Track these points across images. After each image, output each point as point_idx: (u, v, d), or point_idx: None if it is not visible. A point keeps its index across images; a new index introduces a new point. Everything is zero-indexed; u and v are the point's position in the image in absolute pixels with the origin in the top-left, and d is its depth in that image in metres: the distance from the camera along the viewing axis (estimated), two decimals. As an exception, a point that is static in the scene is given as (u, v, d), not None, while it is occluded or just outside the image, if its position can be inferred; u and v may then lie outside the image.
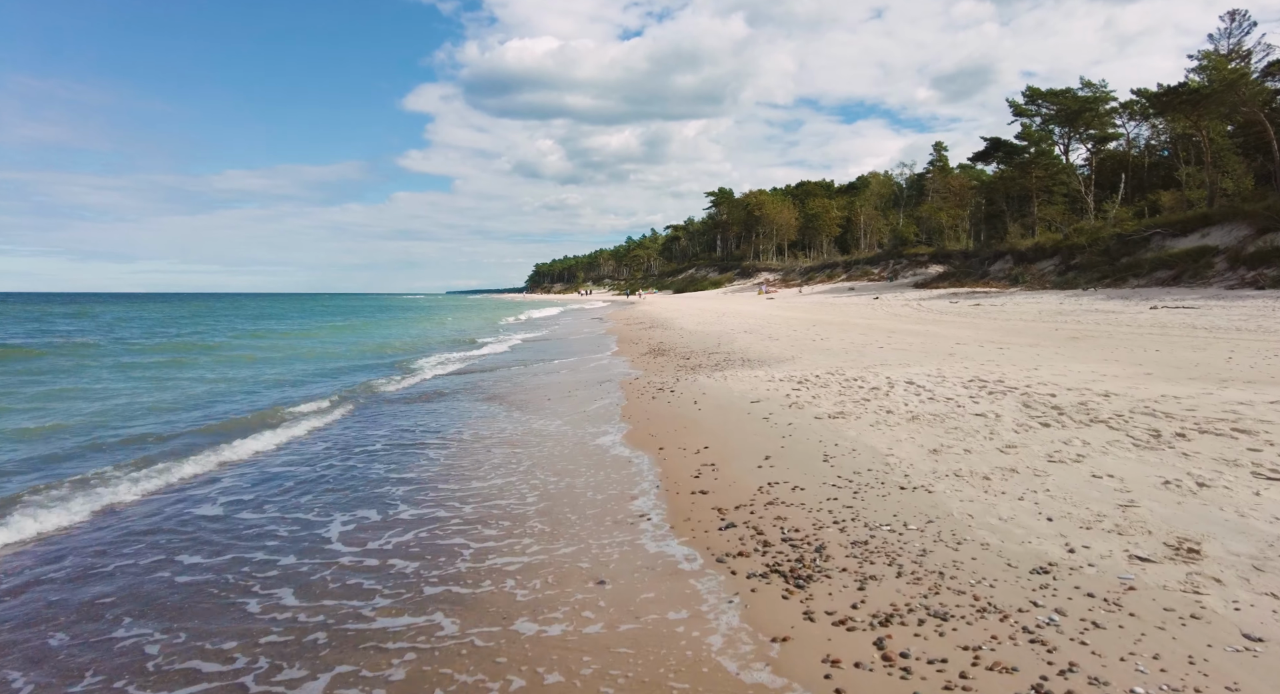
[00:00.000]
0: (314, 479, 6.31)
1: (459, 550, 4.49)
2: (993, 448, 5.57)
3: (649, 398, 9.53)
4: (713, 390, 9.49)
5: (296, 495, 5.82)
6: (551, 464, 6.51)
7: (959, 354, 12.42)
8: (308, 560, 4.40)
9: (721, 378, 10.54)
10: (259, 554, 4.52)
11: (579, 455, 6.77)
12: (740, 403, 8.41)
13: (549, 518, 5.01)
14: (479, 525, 4.94)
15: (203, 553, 4.58)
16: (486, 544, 4.57)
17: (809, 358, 12.83)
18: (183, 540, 4.81)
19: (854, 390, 8.48)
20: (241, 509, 5.50)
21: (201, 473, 6.58)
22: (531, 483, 5.94)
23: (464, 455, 7.03)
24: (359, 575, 4.14)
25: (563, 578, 3.96)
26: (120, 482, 6.11)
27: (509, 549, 4.45)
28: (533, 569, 4.12)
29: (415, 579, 4.06)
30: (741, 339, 17.78)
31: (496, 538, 4.68)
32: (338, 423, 9.01)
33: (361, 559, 4.40)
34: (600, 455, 6.69)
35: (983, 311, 27.42)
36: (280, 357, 19.00)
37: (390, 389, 12.07)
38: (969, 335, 17.07)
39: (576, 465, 6.41)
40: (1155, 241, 42.41)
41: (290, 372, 14.95)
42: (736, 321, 25.70)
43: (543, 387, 11.79)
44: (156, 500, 5.76)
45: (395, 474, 6.44)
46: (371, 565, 4.30)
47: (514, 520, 4.98)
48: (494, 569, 4.16)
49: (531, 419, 8.78)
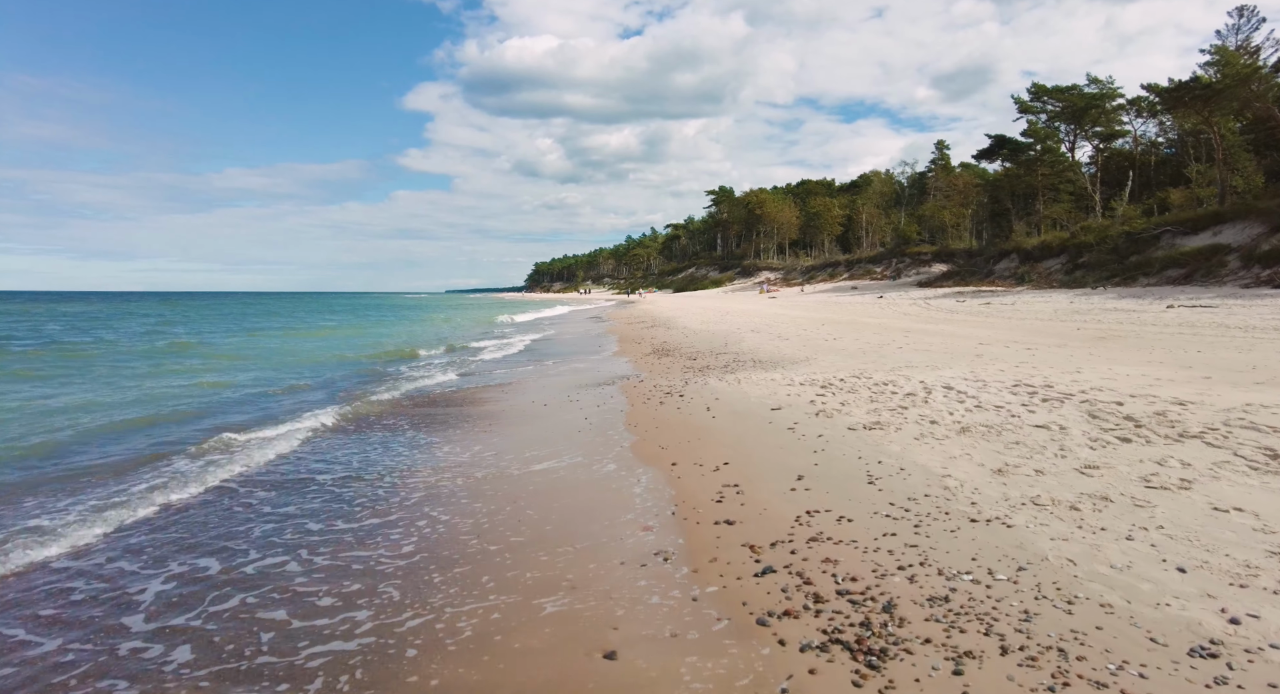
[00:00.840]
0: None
1: (464, 588, 3.60)
2: (1069, 468, 4.69)
3: (656, 403, 8.64)
4: (727, 395, 8.60)
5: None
6: (547, 483, 5.63)
7: (986, 355, 11.55)
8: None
9: (735, 381, 9.65)
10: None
11: (578, 472, 5.88)
12: (759, 410, 7.52)
13: (543, 551, 4.13)
14: (452, 565, 4.06)
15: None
16: (454, 592, 3.69)
17: (825, 359, 11.95)
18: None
19: (886, 397, 7.59)
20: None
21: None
22: (520, 508, 5.05)
23: (449, 471, 6.14)
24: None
25: (557, 645, 3.08)
26: None
27: (491, 594, 3.57)
28: (519, 628, 3.23)
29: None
30: (749, 339, 16.91)
31: (460, 586, 3.79)
32: (290, 457, 6.93)
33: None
34: (603, 472, 5.80)
35: (995, 310, 26.56)
36: (243, 365, 18.05)
37: (377, 398, 10.53)
38: (988, 335, 16.20)
39: (575, 484, 5.53)
40: (1165, 240, 41.62)
41: (257, 379, 13.09)
42: (741, 320, 24.82)
43: (538, 390, 10.90)
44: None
45: (353, 509, 5.54)
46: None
47: (503, 551, 4.10)
48: (478, 632, 3.27)
49: (524, 429, 7.89)
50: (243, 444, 7.21)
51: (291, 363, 16.34)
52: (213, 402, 10.44)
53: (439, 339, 23.84)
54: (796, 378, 9.46)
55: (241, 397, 10.93)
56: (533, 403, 9.52)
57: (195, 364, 16.09)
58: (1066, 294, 37.06)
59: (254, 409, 9.73)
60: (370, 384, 12.30)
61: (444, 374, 13.51)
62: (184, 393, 11.30)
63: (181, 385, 12.25)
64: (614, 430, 7.33)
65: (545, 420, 8.17)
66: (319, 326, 33.90)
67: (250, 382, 12.75)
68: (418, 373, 13.85)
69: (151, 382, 12.80)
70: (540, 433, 7.50)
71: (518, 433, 7.62)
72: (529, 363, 15.48)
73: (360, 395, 10.69)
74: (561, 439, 7.11)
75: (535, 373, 13.48)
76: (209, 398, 10.78)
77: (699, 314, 31.65)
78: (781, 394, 8.24)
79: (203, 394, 11.15)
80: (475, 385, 11.78)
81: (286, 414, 9.10)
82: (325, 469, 6.32)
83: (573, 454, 6.44)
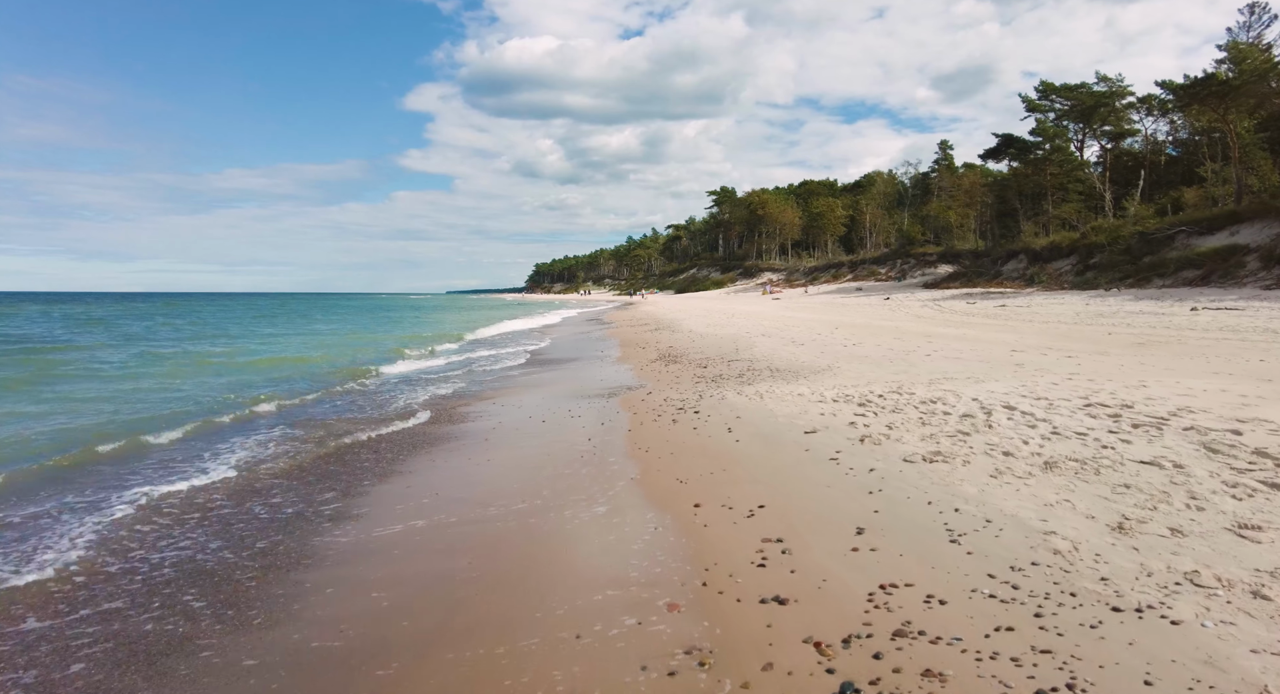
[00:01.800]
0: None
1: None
2: (1218, 528, 3.62)
3: (668, 420, 7.56)
4: (749, 413, 7.52)
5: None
6: (531, 534, 4.54)
7: (1028, 364, 10.47)
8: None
9: (755, 395, 8.56)
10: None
11: (572, 518, 4.79)
12: (790, 433, 6.44)
13: (523, 638, 3.05)
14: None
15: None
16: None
17: (850, 368, 10.87)
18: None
19: (939, 418, 6.51)
20: None
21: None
22: (489, 572, 3.97)
23: (409, 513, 5.06)
24: None
25: None
26: None
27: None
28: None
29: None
30: (762, 344, 15.83)
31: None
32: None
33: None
34: (605, 516, 4.72)
35: (1011, 313, 25.49)
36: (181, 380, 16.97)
37: (325, 420, 9.17)
38: (1014, 339, 15.14)
39: (569, 535, 4.44)
40: (1180, 240, 40.63)
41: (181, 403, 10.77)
42: (749, 323, 23.74)
43: (530, 403, 9.82)
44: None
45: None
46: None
47: (466, 641, 3.02)
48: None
49: (502, 452, 6.81)
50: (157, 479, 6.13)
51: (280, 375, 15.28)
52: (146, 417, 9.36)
53: (429, 342, 22.76)
54: (825, 392, 8.37)
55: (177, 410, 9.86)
56: (529, 418, 8.44)
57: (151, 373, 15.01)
58: (1079, 295, 36.01)
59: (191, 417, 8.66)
60: (319, 406, 11.22)
61: (441, 386, 12.43)
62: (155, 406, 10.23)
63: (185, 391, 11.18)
64: (616, 456, 6.24)
65: (537, 442, 7.09)
66: (307, 330, 32.81)
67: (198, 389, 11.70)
68: (391, 386, 12.78)
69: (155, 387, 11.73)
70: (529, 458, 6.42)
71: (500, 459, 6.54)
72: (521, 368, 14.40)
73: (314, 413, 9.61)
74: (552, 470, 6.03)
75: (526, 383, 12.40)
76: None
77: (703, 316, 30.57)
78: (814, 413, 7.16)
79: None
80: (461, 396, 10.70)
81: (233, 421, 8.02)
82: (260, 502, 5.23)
83: (566, 491, 5.36)
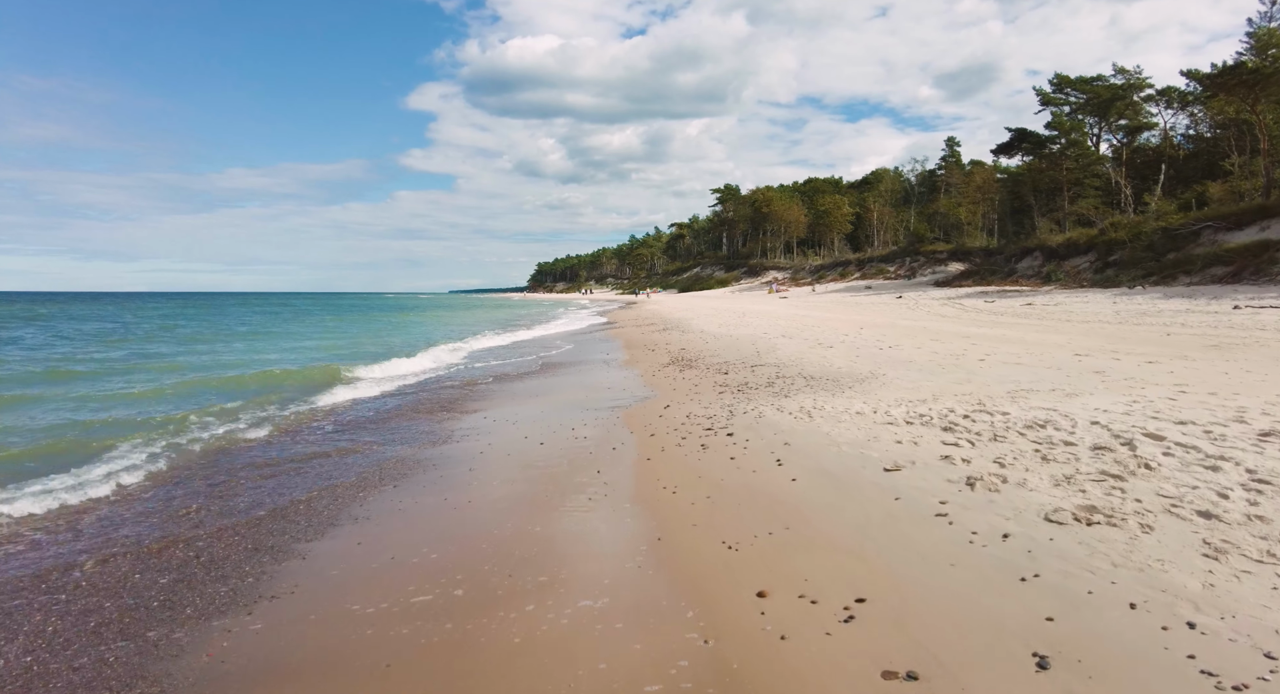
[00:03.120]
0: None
1: None
2: None
3: (695, 445, 6.03)
4: (799, 437, 5.98)
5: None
6: (501, 636, 3.03)
7: (1109, 371, 8.95)
8: None
9: (800, 412, 7.01)
10: None
11: (549, 624, 3.27)
12: (865, 470, 4.91)
13: None
14: None
15: None
16: None
17: (899, 376, 9.35)
18: None
19: (1059, 449, 4.97)
20: None
21: None
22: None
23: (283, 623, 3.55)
24: None
25: None
26: None
27: None
28: None
29: None
30: (785, 346, 14.29)
31: None
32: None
33: None
34: (602, 609, 3.20)
35: (1043, 312, 23.91)
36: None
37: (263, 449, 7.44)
38: (1066, 341, 13.61)
39: (546, 651, 2.93)
40: (1206, 236, 39.10)
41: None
42: (764, 323, 22.18)
43: (520, 416, 8.29)
44: None
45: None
46: None
47: None
48: None
49: (487, 488, 5.30)
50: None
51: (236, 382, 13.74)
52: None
53: (413, 347, 21.24)
54: (890, 409, 6.83)
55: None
56: (525, 438, 6.91)
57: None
58: (1103, 294, 34.42)
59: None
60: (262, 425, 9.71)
61: (421, 394, 10.90)
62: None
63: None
64: (632, 501, 4.71)
65: (530, 474, 5.56)
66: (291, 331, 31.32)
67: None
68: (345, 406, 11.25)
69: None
70: (518, 500, 4.90)
71: (482, 500, 5.02)
72: (507, 376, 12.85)
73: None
74: (544, 524, 4.50)
75: (522, 391, 10.86)
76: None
77: (712, 316, 29.02)
78: (886, 439, 5.61)
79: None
80: (447, 407, 9.17)
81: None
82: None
83: (561, 562, 3.84)
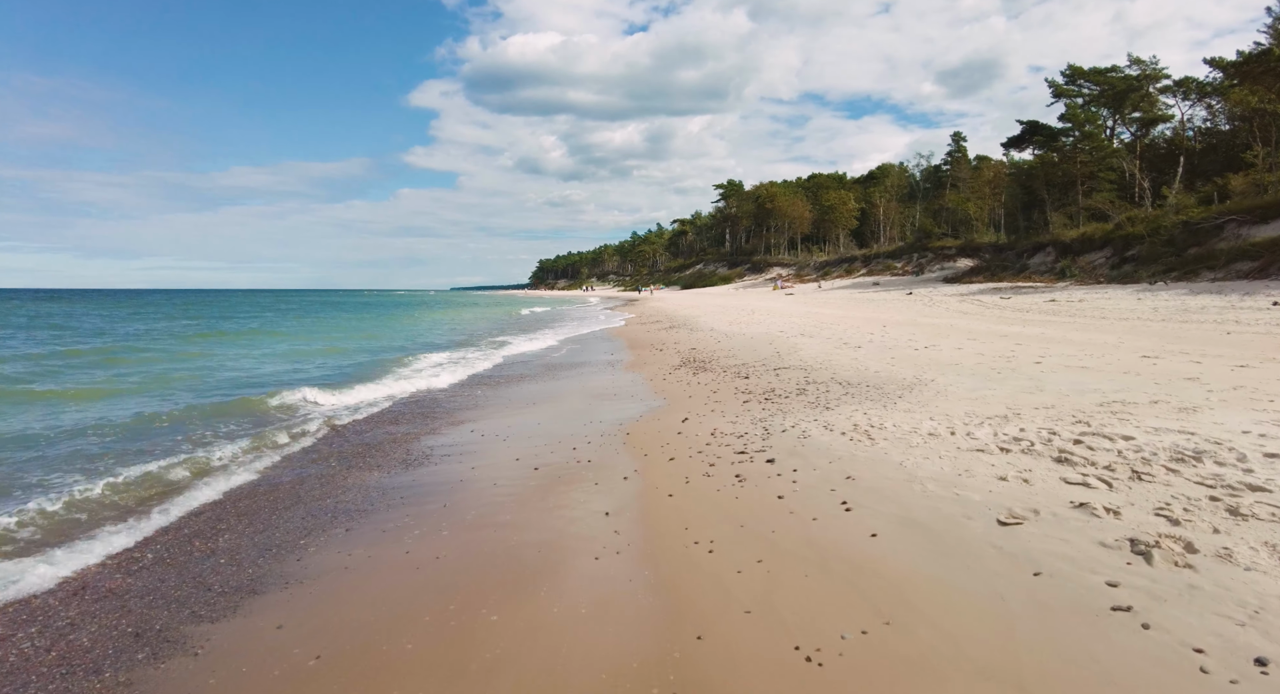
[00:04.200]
0: None
1: None
2: None
3: (727, 476, 4.77)
4: (860, 465, 4.71)
5: None
6: None
7: (1206, 378, 7.67)
8: None
9: (856, 432, 5.71)
10: None
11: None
12: (969, 520, 3.63)
13: None
14: None
15: None
16: None
17: (953, 384, 8.07)
18: None
19: (1245, 495, 3.69)
20: None
21: None
22: None
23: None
24: None
25: None
26: None
27: None
28: None
29: None
30: (807, 346, 13.00)
31: None
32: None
33: None
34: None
35: (1074, 309, 22.59)
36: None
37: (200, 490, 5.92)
38: (1117, 341, 12.33)
39: None
40: (1229, 230, 37.70)
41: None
42: (777, 321, 20.88)
43: (512, 429, 7.02)
44: None
45: None
46: None
47: None
48: None
49: (459, 539, 4.03)
50: None
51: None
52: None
53: (394, 349, 19.97)
54: (965, 425, 5.54)
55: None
56: (516, 461, 5.64)
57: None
58: (1123, 290, 33.07)
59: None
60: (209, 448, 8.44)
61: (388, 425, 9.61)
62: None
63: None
64: (652, 567, 3.44)
65: (518, 516, 4.30)
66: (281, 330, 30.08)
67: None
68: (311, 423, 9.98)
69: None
70: (500, 559, 3.64)
71: (454, 559, 3.75)
72: (507, 380, 11.56)
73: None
74: (533, 606, 3.23)
75: (514, 398, 9.57)
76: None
77: (720, 313, 27.71)
78: (983, 473, 4.32)
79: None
80: (429, 417, 7.88)
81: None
82: None
83: (550, 682, 2.57)
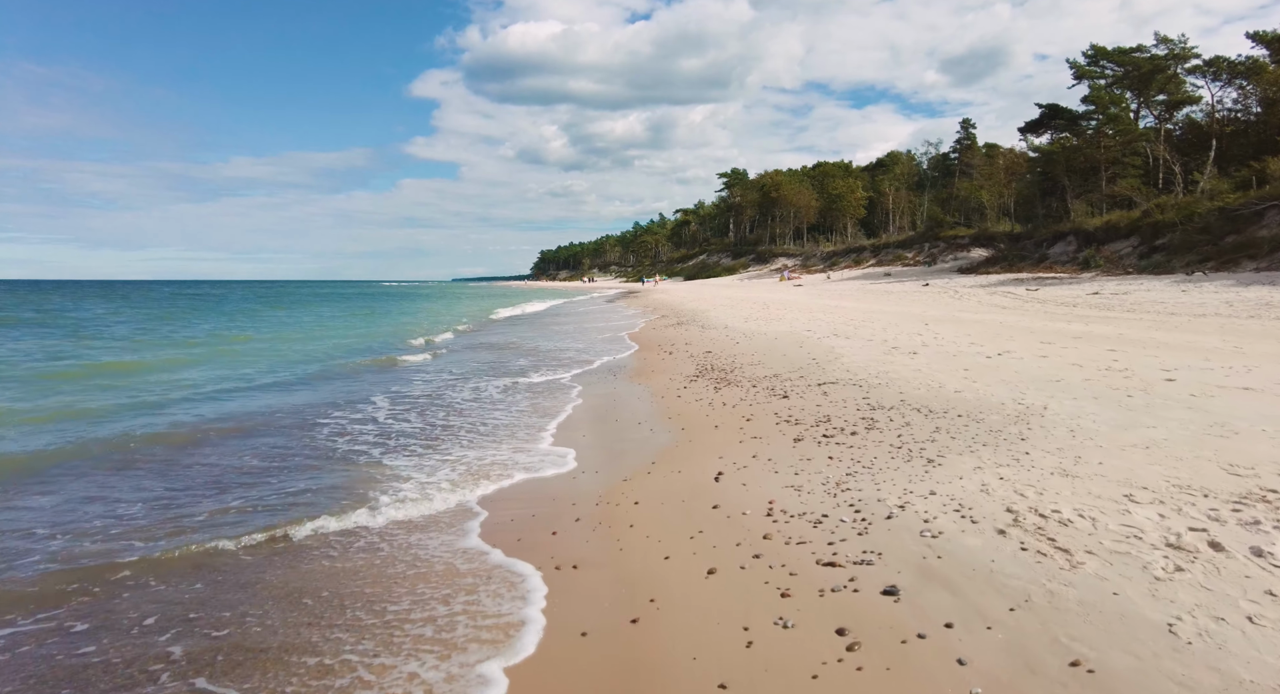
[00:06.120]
0: None
1: None
2: None
3: (821, 624, 2.86)
4: (1074, 620, 2.70)
5: None
6: None
7: None
8: None
9: (1030, 533, 3.66)
10: None
11: None
12: None
13: None
14: None
15: None
16: None
17: (1078, 415, 6.05)
18: None
19: None
20: None
21: None
22: None
23: None
24: None
25: None
26: None
27: None
28: None
29: None
30: (847, 351, 10.95)
31: None
32: None
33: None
34: None
35: (1128, 303, 20.44)
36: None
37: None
38: (1232, 346, 10.31)
39: None
40: (1271, 216, 35.46)
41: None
42: (799, 317, 18.78)
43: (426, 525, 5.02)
44: None
45: None
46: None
47: None
48: None
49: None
50: None
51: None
52: None
53: (382, 351, 17.95)
54: (1194, 508, 3.54)
55: None
56: (464, 557, 3.64)
57: None
58: (1158, 281, 30.87)
59: None
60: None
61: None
62: None
63: None
64: None
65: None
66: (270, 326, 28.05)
67: None
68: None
69: None
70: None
71: None
72: (484, 382, 9.53)
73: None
74: None
75: (480, 408, 7.55)
76: None
77: (731, 307, 25.60)
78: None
79: None
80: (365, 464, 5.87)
81: None
82: None
83: None
